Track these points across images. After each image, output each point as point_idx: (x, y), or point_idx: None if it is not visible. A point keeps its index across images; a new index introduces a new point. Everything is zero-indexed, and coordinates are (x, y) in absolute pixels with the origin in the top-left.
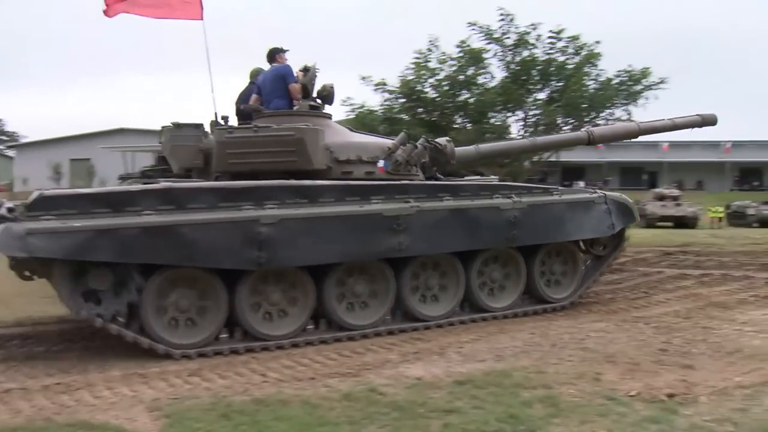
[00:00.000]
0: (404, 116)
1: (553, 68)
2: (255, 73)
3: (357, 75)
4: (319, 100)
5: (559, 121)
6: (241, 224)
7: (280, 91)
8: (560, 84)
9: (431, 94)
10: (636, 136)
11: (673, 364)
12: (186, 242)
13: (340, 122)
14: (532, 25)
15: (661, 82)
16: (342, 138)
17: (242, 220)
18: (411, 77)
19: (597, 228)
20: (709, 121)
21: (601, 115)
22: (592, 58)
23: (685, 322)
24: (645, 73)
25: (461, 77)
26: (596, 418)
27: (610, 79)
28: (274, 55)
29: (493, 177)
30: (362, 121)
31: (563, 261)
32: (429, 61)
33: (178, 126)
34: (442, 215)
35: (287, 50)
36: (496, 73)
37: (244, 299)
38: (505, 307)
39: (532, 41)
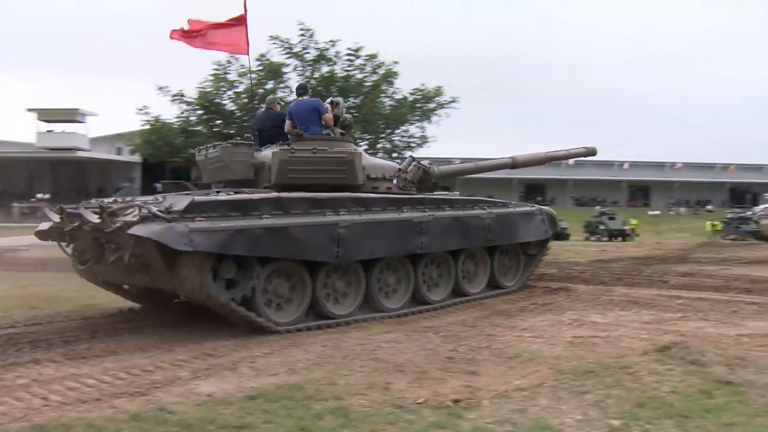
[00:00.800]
0: (202, 128)
1: (352, 84)
2: (271, 101)
3: (154, 84)
4: (341, 129)
5: (356, 136)
6: (326, 227)
7: (315, 119)
8: (358, 101)
9: (230, 106)
10: (544, 163)
11: (458, 370)
12: (293, 239)
13: (134, 132)
14: (332, 41)
15: (453, 101)
16: (369, 160)
17: (327, 224)
18: (209, 89)
19: (538, 233)
20: (591, 152)
21: (396, 131)
22: (389, 76)
23: (471, 331)
24: (438, 91)
25: (260, 90)
26: (385, 427)
27: (405, 97)
28: (305, 90)
29: (456, 192)
30: (158, 133)
31: (510, 258)
32: (228, 73)
33: (235, 144)
34: (447, 222)
35: (311, 88)
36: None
37: (320, 286)
38: (479, 292)
39: (331, 57)
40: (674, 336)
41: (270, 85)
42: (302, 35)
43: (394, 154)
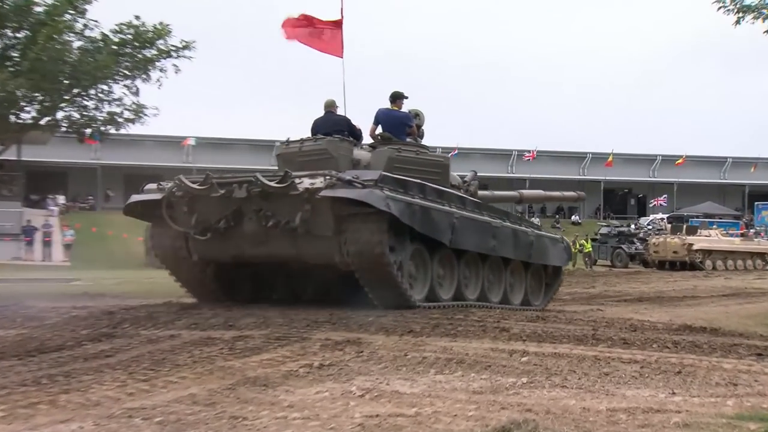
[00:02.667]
0: None
1: (9, 8)
2: (330, 105)
3: None
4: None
5: (20, 97)
6: (446, 214)
7: (404, 130)
8: (21, 37)
9: None
10: (543, 202)
11: None
12: (444, 224)
13: None
14: None
15: (186, 47)
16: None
17: (447, 212)
18: None
19: (561, 258)
20: (581, 197)
21: (90, 93)
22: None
23: (207, 411)
24: (160, 31)
25: None
26: None
27: (106, 38)
28: (397, 98)
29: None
30: None
31: (535, 279)
32: None
33: (341, 140)
34: (508, 231)
35: (407, 97)
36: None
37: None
38: (519, 304)
39: None
40: (516, 412)
41: None
42: None
43: (89, 130)
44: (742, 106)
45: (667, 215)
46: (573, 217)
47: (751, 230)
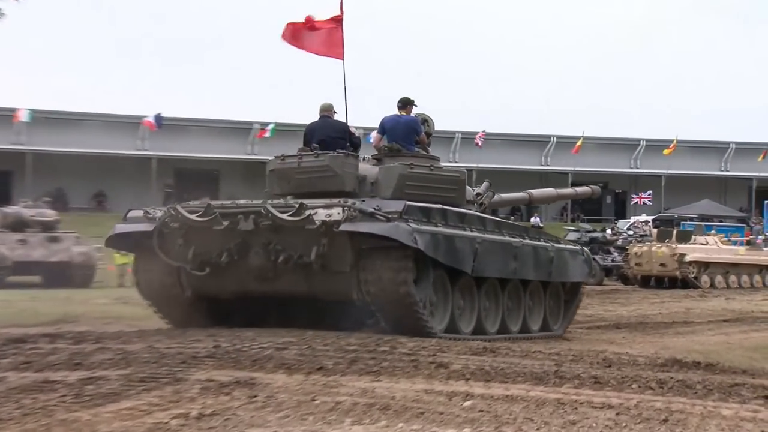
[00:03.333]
0: None
1: None
2: (326, 108)
3: None
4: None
5: None
6: (467, 240)
7: (412, 139)
8: None
9: None
10: (554, 201)
11: None
12: (467, 252)
13: None
14: None
15: None
16: None
17: (467, 237)
18: None
19: (582, 273)
20: (596, 192)
21: None
22: None
23: None
24: None
25: None
26: None
27: None
28: (407, 104)
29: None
30: None
31: (553, 299)
32: None
33: (346, 154)
34: (528, 249)
35: (416, 105)
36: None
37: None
38: (537, 330)
39: None
40: None
41: None
42: None
43: None
44: (748, 78)
45: (653, 217)
46: (533, 220)
47: (760, 237)
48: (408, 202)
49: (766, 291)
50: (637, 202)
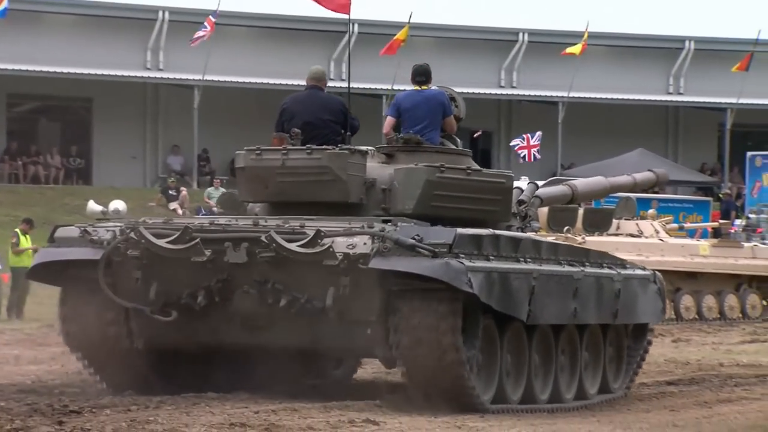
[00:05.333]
0: None
1: None
2: (317, 77)
3: None
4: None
5: None
6: (523, 276)
7: (437, 123)
8: None
9: None
10: (606, 195)
11: None
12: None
13: None
14: None
15: None
16: None
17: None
18: None
19: (655, 311)
20: (662, 178)
21: None
22: None
23: None
24: None
25: None
26: None
27: None
28: (427, 77)
29: None
30: None
31: (613, 347)
32: None
33: (352, 152)
34: (590, 282)
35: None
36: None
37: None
38: (595, 394)
39: None
40: None
41: None
42: None
43: None
44: None
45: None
46: None
47: (738, 221)
48: (458, 231)
49: (750, 325)
50: (517, 152)
